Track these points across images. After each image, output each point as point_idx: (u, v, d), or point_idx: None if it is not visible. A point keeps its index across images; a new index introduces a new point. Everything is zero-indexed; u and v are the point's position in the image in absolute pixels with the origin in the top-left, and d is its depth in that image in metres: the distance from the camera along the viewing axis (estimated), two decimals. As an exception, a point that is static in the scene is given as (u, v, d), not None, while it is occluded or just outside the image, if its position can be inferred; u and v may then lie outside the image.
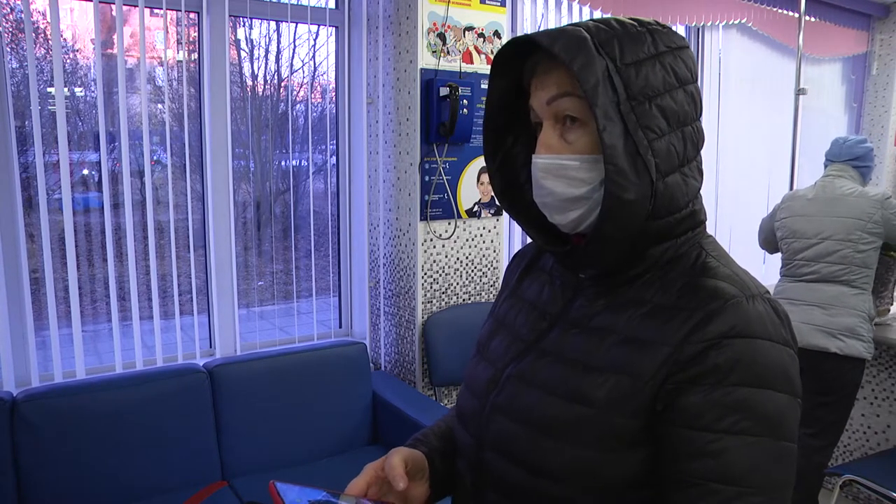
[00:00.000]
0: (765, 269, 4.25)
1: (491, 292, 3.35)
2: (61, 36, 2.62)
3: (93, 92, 2.73)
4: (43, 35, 2.62)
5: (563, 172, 0.85)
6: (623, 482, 0.82)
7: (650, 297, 0.85)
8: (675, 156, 0.84)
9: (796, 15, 4.17)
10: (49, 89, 2.60)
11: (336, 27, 3.27)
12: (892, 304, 3.04)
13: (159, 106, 2.94)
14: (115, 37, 2.65)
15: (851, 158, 2.84)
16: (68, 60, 2.74)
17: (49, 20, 2.52)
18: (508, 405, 0.90)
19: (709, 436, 0.75)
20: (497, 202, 0.98)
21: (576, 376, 0.85)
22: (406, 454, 0.95)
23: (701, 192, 0.91)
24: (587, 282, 0.92)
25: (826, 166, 2.93)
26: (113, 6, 2.61)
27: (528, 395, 0.88)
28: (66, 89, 2.66)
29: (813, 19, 5.10)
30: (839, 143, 2.91)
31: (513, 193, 0.99)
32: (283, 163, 3.36)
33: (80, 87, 2.81)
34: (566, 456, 0.82)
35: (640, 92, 0.82)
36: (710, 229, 0.96)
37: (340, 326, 3.55)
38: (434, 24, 2.95)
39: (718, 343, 0.77)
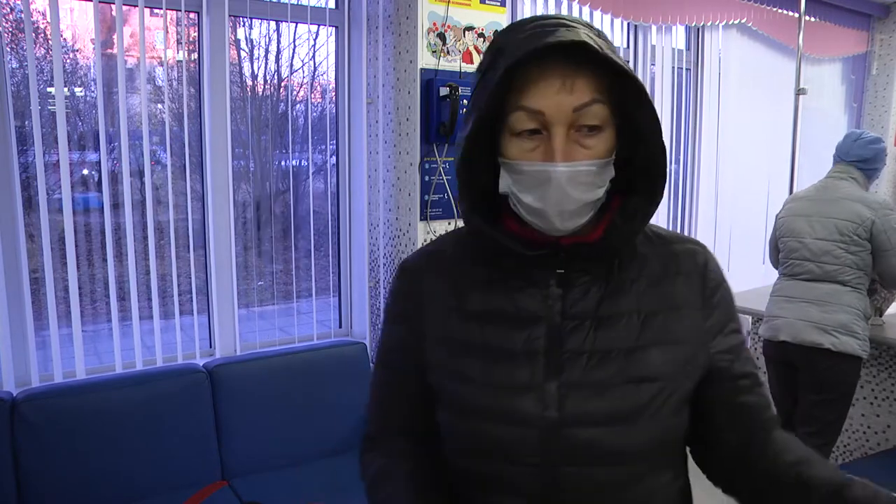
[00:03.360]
0: (764, 269, 4.25)
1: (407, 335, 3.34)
2: (61, 36, 2.62)
3: (93, 92, 2.73)
4: (43, 35, 2.62)
5: (584, 179, 0.85)
6: (682, 437, 0.96)
7: (638, 273, 0.95)
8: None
9: (796, 15, 4.17)
10: (49, 89, 2.60)
11: (336, 27, 3.27)
12: (884, 304, 3.05)
13: (159, 106, 2.94)
14: (114, 37, 2.65)
15: (858, 160, 2.81)
16: (68, 60, 2.74)
17: (49, 20, 2.52)
18: (581, 415, 0.88)
19: (742, 354, 0.97)
20: (465, 219, 0.91)
21: (630, 362, 0.90)
22: None
23: None
24: (574, 275, 0.93)
25: (834, 162, 2.90)
26: (113, 6, 2.61)
27: (596, 399, 0.88)
28: (66, 89, 2.66)
29: (813, 19, 5.10)
30: (851, 140, 2.85)
31: (482, 207, 0.94)
32: (283, 163, 3.36)
33: (80, 87, 2.81)
34: (654, 432, 0.90)
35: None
36: (710, 229, 1.08)
37: (340, 326, 3.55)
38: (434, 24, 2.95)
39: (720, 287, 0.98)
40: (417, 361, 0.99)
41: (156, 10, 2.78)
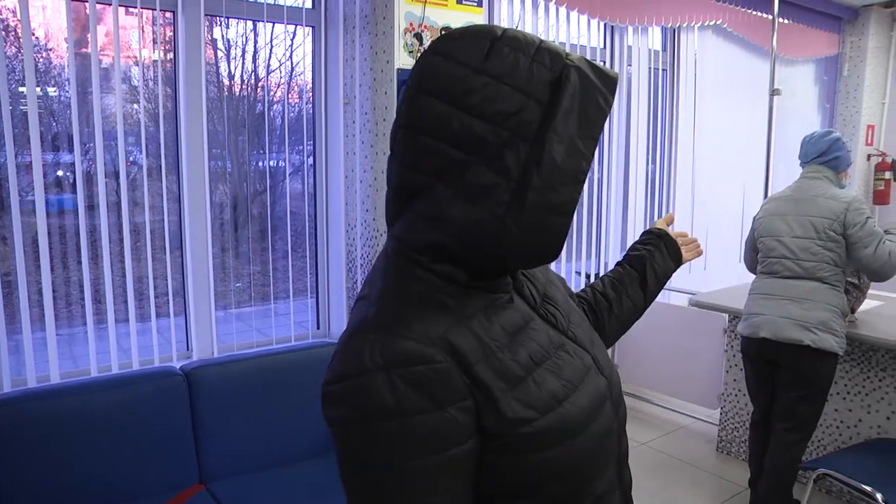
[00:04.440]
0: (740, 268, 4.29)
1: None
2: (33, 34, 2.59)
3: (67, 92, 2.70)
4: (14, 33, 2.59)
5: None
6: None
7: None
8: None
9: (770, 17, 4.22)
10: (21, 89, 2.56)
11: (313, 27, 3.26)
12: (856, 304, 3.10)
13: (135, 106, 2.91)
14: (88, 36, 2.63)
15: (818, 155, 2.90)
16: (41, 59, 2.71)
17: (20, 18, 2.48)
18: (605, 364, 0.98)
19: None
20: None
21: (578, 313, 1.04)
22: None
23: None
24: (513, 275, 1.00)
25: (801, 167, 2.98)
26: (86, 4, 2.58)
27: (600, 347, 1.01)
28: (38, 89, 2.63)
29: (786, 21, 5.17)
30: (805, 142, 2.98)
31: None
32: (260, 163, 3.34)
33: (53, 86, 2.77)
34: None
35: None
36: (687, 228, 1.07)
37: (318, 328, 3.54)
38: (411, 25, 2.95)
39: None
40: (473, 435, 0.81)
41: (131, 9, 2.75)
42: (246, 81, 3.30)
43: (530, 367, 0.84)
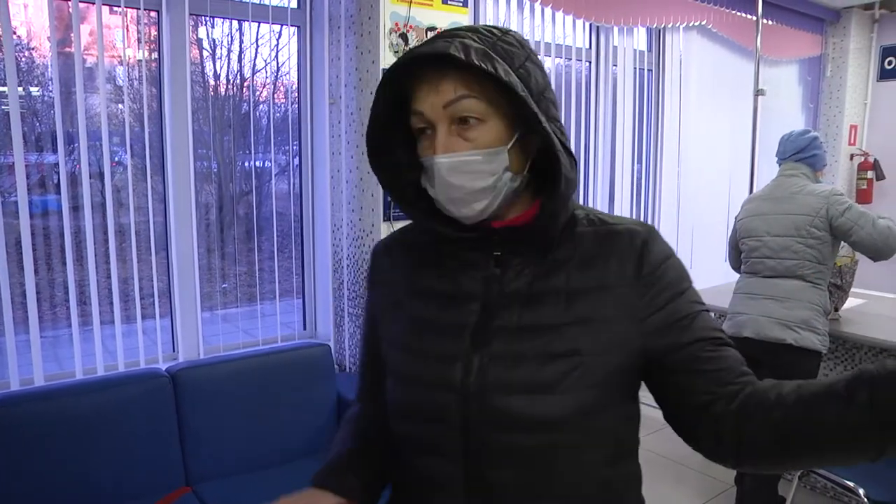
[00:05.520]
0: (726, 267, 4.31)
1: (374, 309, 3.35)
2: (14, 33, 2.57)
3: (50, 91, 2.68)
4: (-4, 33, 2.56)
5: (467, 168, 0.93)
6: (611, 447, 0.99)
7: (571, 254, 0.99)
8: (564, 135, 0.96)
9: (754, 18, 4.26)
10: (2, 88, 2.54)
11: (298, 27, 3.26)
12: (839, 302, 3.13)
13: (119, 106, 2.89)
14: (72, 35, 2.61)
15: (795, 152, 2.94)
16: (23, 59, 2.68)
17: None
18: (500, 383, 0.95)
19: (693, 325, 0.98)
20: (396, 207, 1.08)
21: (552, 338, 0.95)
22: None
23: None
24: (507, 256, 1.01)
25: (779, 165, 3.02)
26: (69, 3, 2.56)
27: (515, 369, 0.95)
28: (21, 88, 2.60)
29: (770, 22, 5.21)
30: (783, 140, 3.03)
31: (404, 198, 1.05)
32: (245, 163, 3.33)
33: (36, 86, 2.75)
34: (568, 403, 0.93)
35: (539, 91, 0.94)
36: (672, 228, 1.10)
37: (305, 328, 3.53)
38: (396, 25, 2.95)
39: (661, 266, 0.98)
40: (375, 333, 1.14)
41: (115, 8, 2.73)
42: (231, 81, 3.29)
43: (412, 317, 1.05)
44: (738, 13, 4.99)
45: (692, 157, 5.06)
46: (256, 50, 3.26)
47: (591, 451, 0.97)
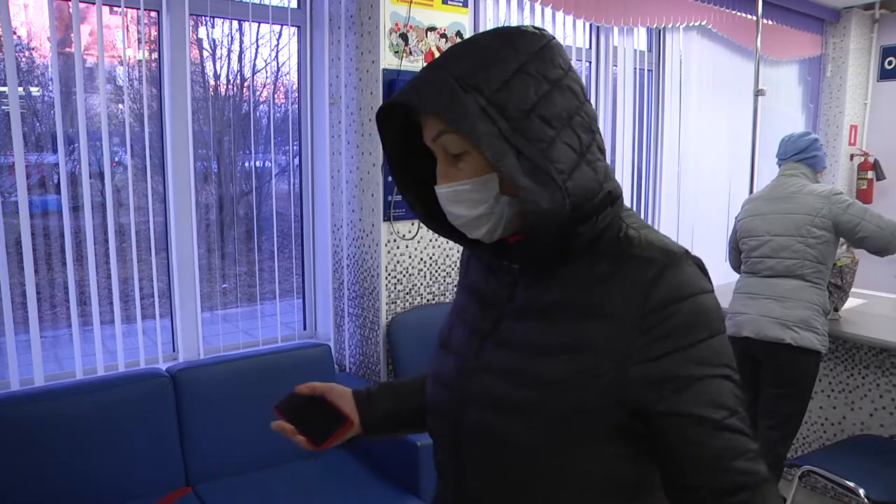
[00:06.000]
0: (726, 267, 4.32)
1: (455, 293, 3.35)
2: (14, 33, 2.57)
3: (50, 91, 2.68)
4: (-5, 33, 2.56)
5: (461, 197, 0.93)
6: (603, 481, 0.92)
7: (586, 272, 0.91)
8: (573, 150, 0.88)
9: (754, 18, 4.25)
10: (2, 88, 2.54)
11: (298, 27, 3.26)
12: (839, 303, 3.13)
13: (120, 106, 2.89)
14: (72, 35, 2.61)
15: (796, 153, 2.95)
16: (23, 59, 2.68)
17: None
18: (479, 395, 0.96)
19: (687, 387, 0.84)
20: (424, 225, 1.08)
21: (532, 359, 0.91)
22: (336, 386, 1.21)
23: (608, 167, 0.95)
24: (523, 269, 0.98)
25: (779, 166, 3.02)
26: (69, 3, 2.56)
27: (494, 384, 0.94)
28: (20, 89, 2.60)
29: (770, 22, 5.21)
30: (784, 142, 3.04)
31: (435, 213, 1.03)
32: (246, 164, 3.33)
33: (36, 86, 2.75)
34: (536, 429, 0.90)
35: (517, 111, 0.86)
36: (672, 229, 1.02)
37: (305, 328, 3.53)
38: (396, 25, 2.95)
39: (667, 308, 0.85)
40: None
41: (115, 8, 2.74)
42: (231, 81, 3.29)
43: (456, 308, 1.10)
44: (738, 13, 4.99)
45: (692, 157, 5.06)
46: (256, 50, 3.26)
47: (575, 482, 0.92)
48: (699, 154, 5.11)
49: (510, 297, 0.98)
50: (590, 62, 4.47)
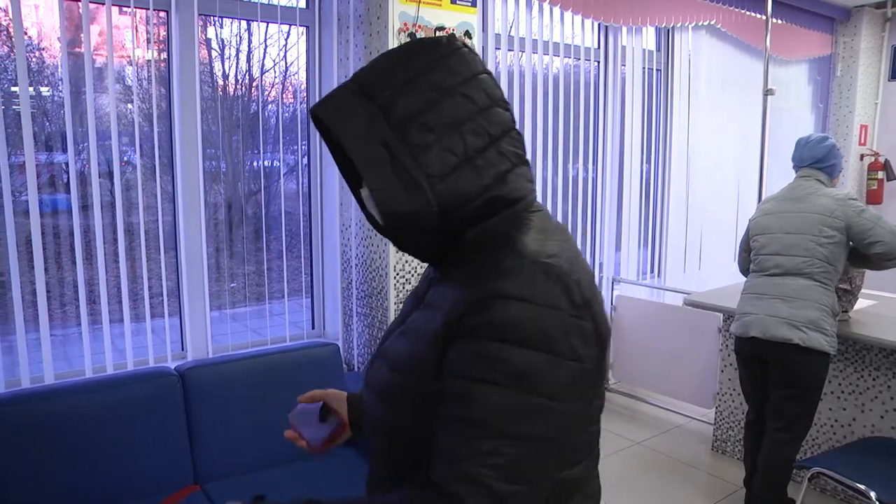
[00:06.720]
0: (734, 267, 4.31)
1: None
2: (25, 33, 2.58)
3: (60, 91, 2.69)
4: (6, 32, 2.58)
5: (370, 202, 1.01)
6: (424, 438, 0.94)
7: (457, 274, 0.96)
8: (454, 155, 0.90)
9: (763, 17, 4.24)
10: (14, 88, 2.56)
11: (307, 27, 3.26)
12: (849, 305, 3.12)
13: (129, 106, 2.90)
14: (82, 35, 2.62)
15: (814, 161, 2.91)
16: (34, 59, 2.70)
17: (11, 17, 2.47)
18: (371, 375, 1.07)
19: (459, 381, 0.87)
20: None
21: (400, 347, 1.01)
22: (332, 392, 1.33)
23: (515, 172, 0.96)
24: (437, 268, 1.05)
25: (795, 170, 2.99)
26: (79, 4, 2.57)
27: (378, 368, 1.05)
28: (31, 89, 2.62)
29: (779, 21, 5.19)
30: (801, 146, 2.97)
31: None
32: (254, 163, 3.33)
33: (46, 86, 2.76)
34: (389, 416, 0.98)
35: (400, 117, 0.90)
36: (681, 228, 1.02)
37: (313, 328, 3.54)
38: (405, 24, 2.95)
39: (479, 304, 0.87)
40: None
41: (124, 9, 2.75)
42: (240, 81, 3.29)
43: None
44: (748, 12, 4.97)
45: (701, 156, 5.05)
46: (265, 50, 3.27)
47: (390, 468, 1.04)
48: (708, 154, 5.10)
49: (426, 293, 1.06)
50: (598, 62, 4.46)
